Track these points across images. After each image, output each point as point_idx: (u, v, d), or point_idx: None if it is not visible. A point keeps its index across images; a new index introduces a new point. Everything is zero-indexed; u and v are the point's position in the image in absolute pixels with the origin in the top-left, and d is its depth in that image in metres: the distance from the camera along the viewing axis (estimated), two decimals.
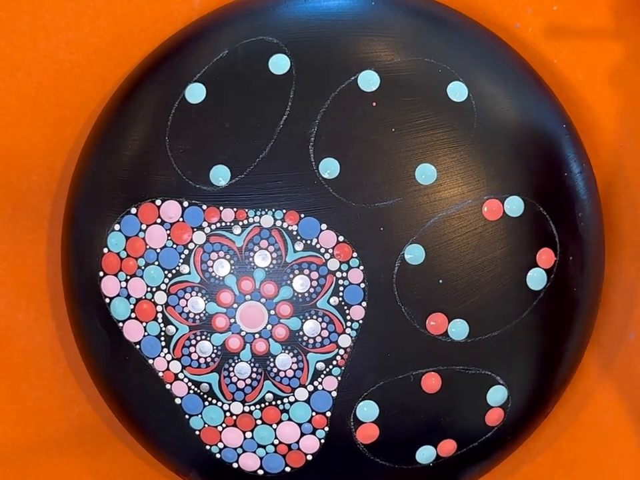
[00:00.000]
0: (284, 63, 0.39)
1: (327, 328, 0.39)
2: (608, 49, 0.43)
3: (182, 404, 0.39)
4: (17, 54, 0.42)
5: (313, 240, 0.38)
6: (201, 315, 0.39)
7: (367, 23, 0.39)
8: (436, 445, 0.40)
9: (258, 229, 0.38)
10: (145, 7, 0.43)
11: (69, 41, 0.43)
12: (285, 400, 0.39)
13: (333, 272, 0.38)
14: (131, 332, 0.39)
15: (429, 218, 0.38)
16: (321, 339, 0.39)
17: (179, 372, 0.39)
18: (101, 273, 0.40)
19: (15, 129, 0.43)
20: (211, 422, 0.40)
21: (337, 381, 0.39)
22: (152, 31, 0.43)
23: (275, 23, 0.40)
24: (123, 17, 0.43)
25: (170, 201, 0.39)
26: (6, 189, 0.43)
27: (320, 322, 0.38)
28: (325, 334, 0.39)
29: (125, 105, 0.40)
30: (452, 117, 0.39)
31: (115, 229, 0.39)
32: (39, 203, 0.43)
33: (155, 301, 0.39)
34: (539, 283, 0.39)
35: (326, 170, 0.38)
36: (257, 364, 0.39)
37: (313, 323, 0.39)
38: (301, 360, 0.39)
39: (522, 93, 0.40)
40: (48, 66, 0.43)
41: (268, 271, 0.39)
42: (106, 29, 0.43)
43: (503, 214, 0.39)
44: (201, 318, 0.39)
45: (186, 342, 0.39)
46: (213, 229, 0.39)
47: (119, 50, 0.43)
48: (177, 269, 0.39)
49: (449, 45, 0.40)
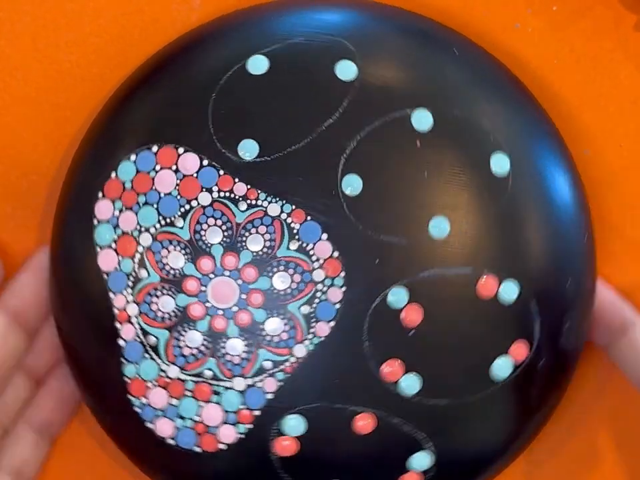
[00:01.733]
0: (351, 72, 0.39)
1: (289, 332, 0.38)
2: (608, 50, 0.43)
3: (125, 347, 0.39)
4: (17, 54, 0.42)
5: (309, 245, 0.38)
6: (176, 271, 0.39)
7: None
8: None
9: (262, 213, 0.38)
10: (145, 7, 0.43)
11: (69, 41, 0.42)
12: (222, 383, 0.39)
13: (315, 282, 0.38)
14: (105, 260, 0.39)
15: (425, 269, 0.38)
16: (278, 339, 0.39)
17: (134, 316, 0.39)
18: (100, 194, 0.39)
19: (14, 129, 0.43)
20: (144, 375, 0.39)
21: (277, 385, 0.39)
22: (152, 30, 0.43)
23: (355, 30, 0.40)
24: (123, 16, 0.43)
25: (192, 153, 0.39)
26: (6, 188, 0.43)
27: (284, 324, 0.38)
28: (284, 336, 0.39)
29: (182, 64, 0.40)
30: (486, 186, 0.39)
31: (130, 158, 0.39)
32: (38, 203, 0.43)
33: (139, 241, 0.39)
34: (503, 372, 0.39)
35: (348, 185, 0.38)
36: (210, 339, 0.39)
37: (277, 321, 0.38)
38: (251, 351, 0.39)
39: (559, 183, 0.40)
40: (48, 66, 0.42)
41: (255, 256, 0.38)
42: (106, 29, 0.43)
43: (495, 294, 0.38)
44: (174, 274, 0.39)
45: (152, 290, 0.39)
46: (220, 196, 0.38)
47: (119, 50, 0.43)
48: (172, 220, 0.39)
49: (503, 114, 0.40)
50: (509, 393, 0.39)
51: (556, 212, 0.40)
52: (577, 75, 0.43)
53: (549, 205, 0.39)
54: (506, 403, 0.39)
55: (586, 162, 0.43)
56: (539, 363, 0.39)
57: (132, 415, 0.40)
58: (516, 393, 0.39)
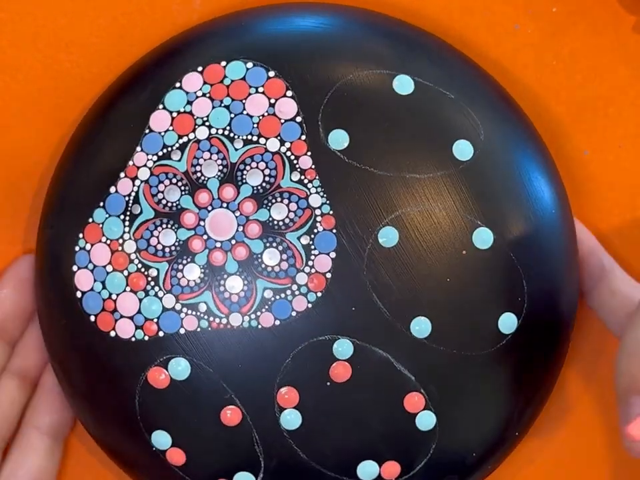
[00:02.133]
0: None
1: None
2: (607, 50, 0.43)
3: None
4: (17, 54, 0.43)
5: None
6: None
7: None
8: None
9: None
10: (145, 7, 0.43)
11: (69, 40, 0.43)
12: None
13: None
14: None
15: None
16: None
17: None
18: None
19: (15, 129, 0.43)
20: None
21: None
22: (152, 30, 0.44)
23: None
24: (123, 16, 0.43)
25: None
26: (6, 189, 0.43)
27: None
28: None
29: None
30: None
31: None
32: (39, 203, 0.43)
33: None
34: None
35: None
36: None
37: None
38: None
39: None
40: (48, 66, 0.43)
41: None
42: (106, 29, 0.43)
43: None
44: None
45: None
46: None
47: (119, 50, 0.44)
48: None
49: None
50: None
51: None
52: (577, 76, 0.44)
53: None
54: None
55: (586, 162, 0.44)
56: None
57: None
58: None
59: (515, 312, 0.38)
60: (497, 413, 0.39)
